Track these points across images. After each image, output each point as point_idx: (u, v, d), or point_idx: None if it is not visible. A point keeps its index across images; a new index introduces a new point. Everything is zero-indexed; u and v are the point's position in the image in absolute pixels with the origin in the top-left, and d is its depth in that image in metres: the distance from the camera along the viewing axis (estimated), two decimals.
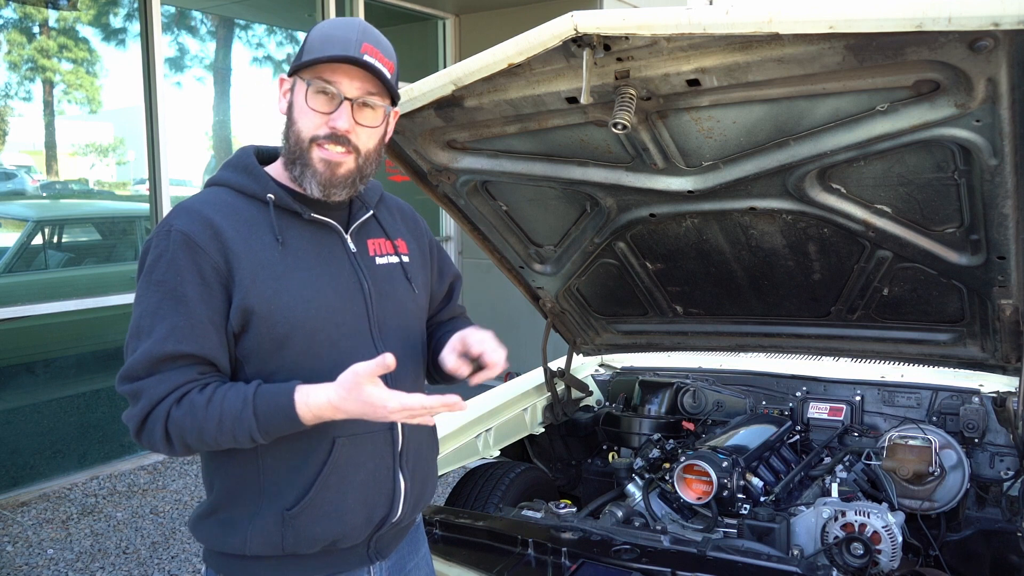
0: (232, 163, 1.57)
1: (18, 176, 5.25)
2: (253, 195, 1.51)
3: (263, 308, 1.43)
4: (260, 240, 1.47)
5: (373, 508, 1.55)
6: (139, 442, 1.44)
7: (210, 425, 1.37)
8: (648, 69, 1.80)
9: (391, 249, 1.65)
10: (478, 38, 7.00)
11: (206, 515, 1.55)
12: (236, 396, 1.38)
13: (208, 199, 1.50)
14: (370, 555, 1.61)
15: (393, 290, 1.62)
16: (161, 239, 1.43)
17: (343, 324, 1.51)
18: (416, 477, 1.63)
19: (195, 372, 1.41)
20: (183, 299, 1.40)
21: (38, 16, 5.02)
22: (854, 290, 2.49)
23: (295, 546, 1.49)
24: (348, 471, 1.51)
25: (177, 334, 1.39)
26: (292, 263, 1.48)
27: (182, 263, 1.41)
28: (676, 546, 2.02)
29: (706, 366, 3.24)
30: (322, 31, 1.49)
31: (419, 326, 1.71)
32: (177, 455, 1.49)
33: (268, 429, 1.38)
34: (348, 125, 1.47)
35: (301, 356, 1.46)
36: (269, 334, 1.44)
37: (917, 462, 2.46)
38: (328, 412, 1.36)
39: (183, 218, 1.45)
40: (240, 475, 1.50)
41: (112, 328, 5.24)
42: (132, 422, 1.42)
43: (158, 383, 1.39)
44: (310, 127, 1.48)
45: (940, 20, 1.43)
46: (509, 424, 2.93)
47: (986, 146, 1.77)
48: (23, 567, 3.85)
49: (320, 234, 1.55)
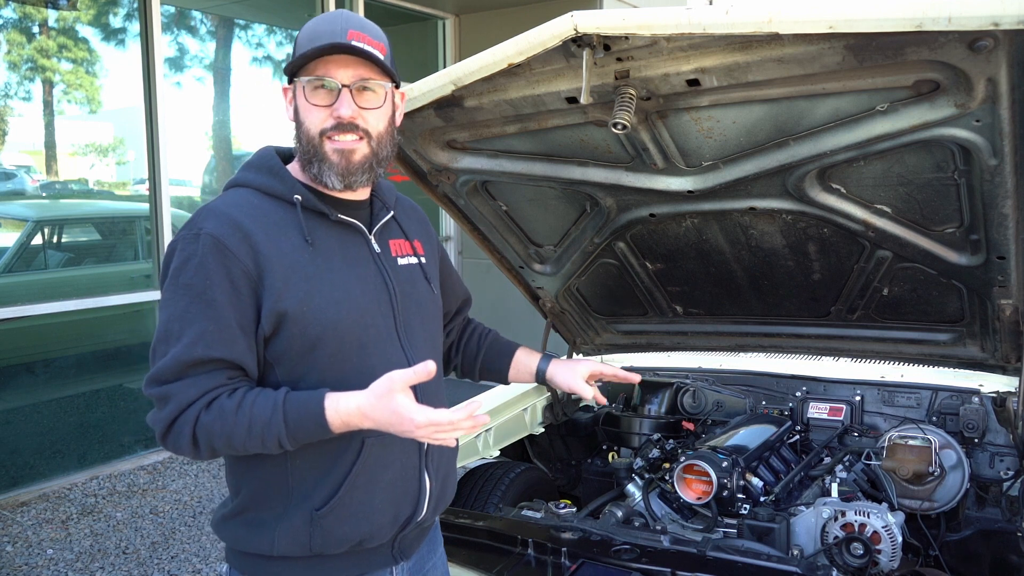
0: (255, 164, 1.57)
1: (18, 176, 5.25)
2: (279, 196, 1.51)
3: (296, 310, 1.43)
4: (289, 242, 1.47)
5: (400, 507, 1.56)
6: (164, 445, 1.43)
7: (239, 430, 1.37)
8: (648, 69, 1.80)
9: (410, 250, 1.67)
10: (478, 38, 7.00)
11: (232, 516, 1.55)
12: (266, 402, 1.38)
13: (235, 201, 1.50)
14: (394, 555, 1.61)
15: (415, 291, 1.64)
16: (189, 242, 1.43)
17: (371, 326, 1.52)
18: (439, 476, 1.65)
19: (224, 377, 1.41)
20: (212, 303, 1.39)
21: (38, 16, 5.03)
22: (854, 290, 2.49)
23: (323, 546, 1.49)
24: (376, 471, 1.51)
25: (207, 338, 1.39)
26: (322, 264, 1.48)
27: (211, 267, 1.40)
28: (676, 546, 2.02)
29: (706, 366, 3.23)
30: (308, 30, 1.50)
31: (438, 326, 1.74)
32: (202, 459, 1.50)
33: (297, 435, 1.39)
34: (351, 111, 1.48)
35: (331, 358, 1.47)
36: (301, 336, 1.44)
37: (917, 462, 2.46)
38: (357, 419, 1.36)
39: (212, 221, 1.44)
40: (269, 477, 1.50)
41: (112, 328, 5.24)
42: (159, 425, 1.41)
43: (187, 387, 1.39)
44: (316, 122, 1.48)
45: (940, 20, 1.43)
46: (509, 424, 2.93)
47: (986, 146, 1.77)
48: (23, 567, 3.85)
49: (346, 235, 1.55)
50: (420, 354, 1.57)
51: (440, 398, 1.68)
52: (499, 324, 2.21)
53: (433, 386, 1.60)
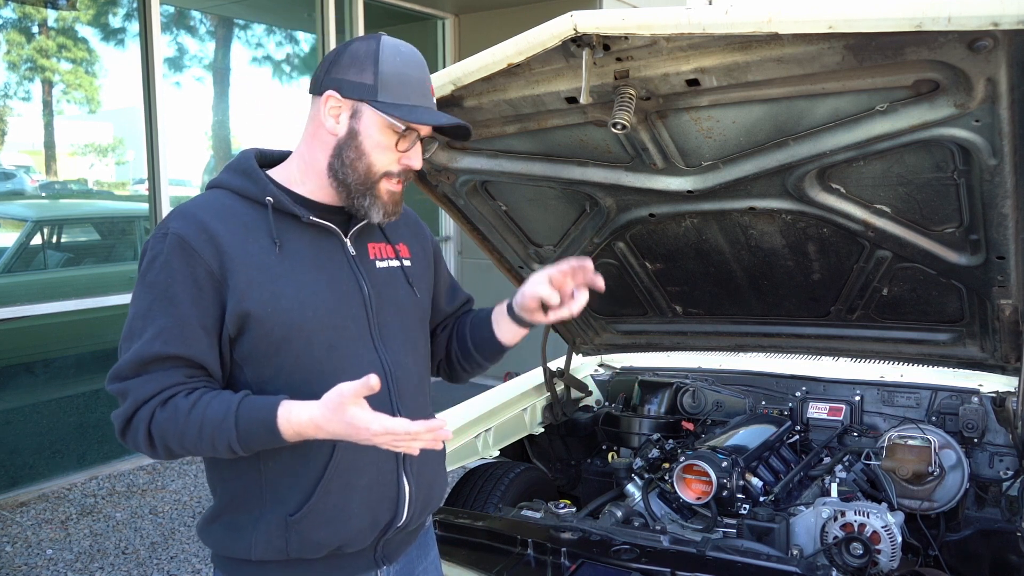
0: (232, 166, 1.57)
1: (17, 176, 5.24)
2: (252, 198, 1.51)
3: (259, 311, 1.43)
4: (257, 243, 1.47)
5: (377, 513, 1.54)
6: (124, 442, 1.43)
7: (191, 431, 1.37)
8: (647, 69, 1.80)
9: (392, 253, 1.65)
10: (478, 38, 7.00)
11: (211, 519, 1.55)
12: (221, 404, 1.37)
13: (205, 202, 1.50)
14: (377, 559, 1.60)
15: (394, 293, 1.62)
16: (157, 242, 1.44)
17: (341, 327, 1.51)
18: (422, 481, 1.62)
19: (183, 375, 1.41)
20: (173, 301, 1.40)
21: (37, 16, 5.02)
22: (853, 290, 2.49)
23: (300, 551, 1.48)
24: (350, 476, 1.50)
25: (165, 335, 1.39)
26: (289, 266, 1.48)
27: (175, 266, 1.41)
28: (676, 546, 2.02)
29: (706, 366, 3.24)
30: (394, 66, 1.47)
31: (422, 329, 1.71)
32: (160, 458, 1.47)
33: (247, 441, 1.37)
34: (420, 164, 1.52)
35: (298, 359, 1.46)
36: (266, 337, 1.44)
37: (916, 462, 2.46)
38: (311, 430, 1.34)
39: (179, 221, 1.45)
40: (242, 480, 1.50)
41: (111, 328, 5.23)
42: (117, 421, 1.41)
43: (144, 384, 1.39)
44: (384, 162, 1.50)
45: (940, 20, 1.43)
46: (509, 424, 2.93)
47: (985, 146, 1.77)
48: (22, 567, 3.85)
49: (319, 238, 1.54)
50: (396, 356, 1.57)
51: (422, 402, 1.65)
52: None
53: (413, 390, 1.60)
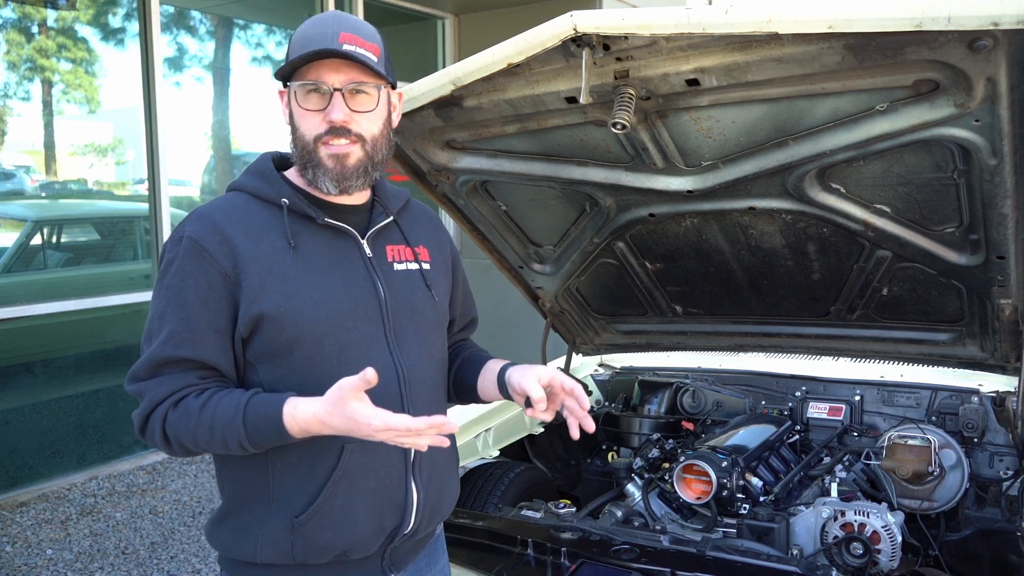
0: (250, 168, 1.59)
1: (17, 176, 5.24)
2: (268, 200, 1.52)
3: (272, 312, 1.44)
4: (271, 245, 1.48)
5: (384, 518, 1.53)
6: (143, 440, 1.47)
7: (202, 430, 1.39)
8: (647, 69, 1.80)
9: (411, 256, 1.65)
10: (478, 38, 7.00)
11: (219, 521, 1.55)
12: (230, 403, 1.40)
13: (221, 205, 1.52)
14: (384, 567, 1.59)
15: (411, 296, 1.61)
16: (173, 245, 1.47)
17: (354, 329, 1.51)
18: (431, 487, 1.60)
19: (195, 376, 1.43)
20: (184, 304, 1.43)
21: (37, 16, 5.02)
22: (853, 290, 2.49)
23: (305, 555, 1.48)
24: (358, 478, 1.49)
25: (176, 339, 1.42)
26: (303, 267, 1.49)
27: (188, 269, 1.43)
28: (675, 546, 2.01)
29: (706, 366, 3.23)
30: (300, 33, 1.50)
31: (439, 333, 1.70)
32: (179, 456, 1.52)
33: (256, 439, 1.39)
34: (344, 115, 1.47)
35: (310, 359, 1.47)
36: (278, 337, 1.45)
37: (916, 462, 2.46)
38: (315, 426, 1.36)
39: (194, 224, 1.48)
40: (251, 480, 1.50)
41: (111, 328, 5.24)
42: (136, 420, 1.46)
43: (158, 386, 1.43)
44: (310, 128, 1.49)
45: (940, 20, 1.43)
46: (508, 424, 2.93)
47: (985, 146, 1.77)
48: (22, 567, 3.85)
49: (335, 239, 1.55)
50: (411, 359, 1.56)
51: (437, 407, 1.65)
52: (499, 324, 2.21)
53: (428, 393, 1.60)
